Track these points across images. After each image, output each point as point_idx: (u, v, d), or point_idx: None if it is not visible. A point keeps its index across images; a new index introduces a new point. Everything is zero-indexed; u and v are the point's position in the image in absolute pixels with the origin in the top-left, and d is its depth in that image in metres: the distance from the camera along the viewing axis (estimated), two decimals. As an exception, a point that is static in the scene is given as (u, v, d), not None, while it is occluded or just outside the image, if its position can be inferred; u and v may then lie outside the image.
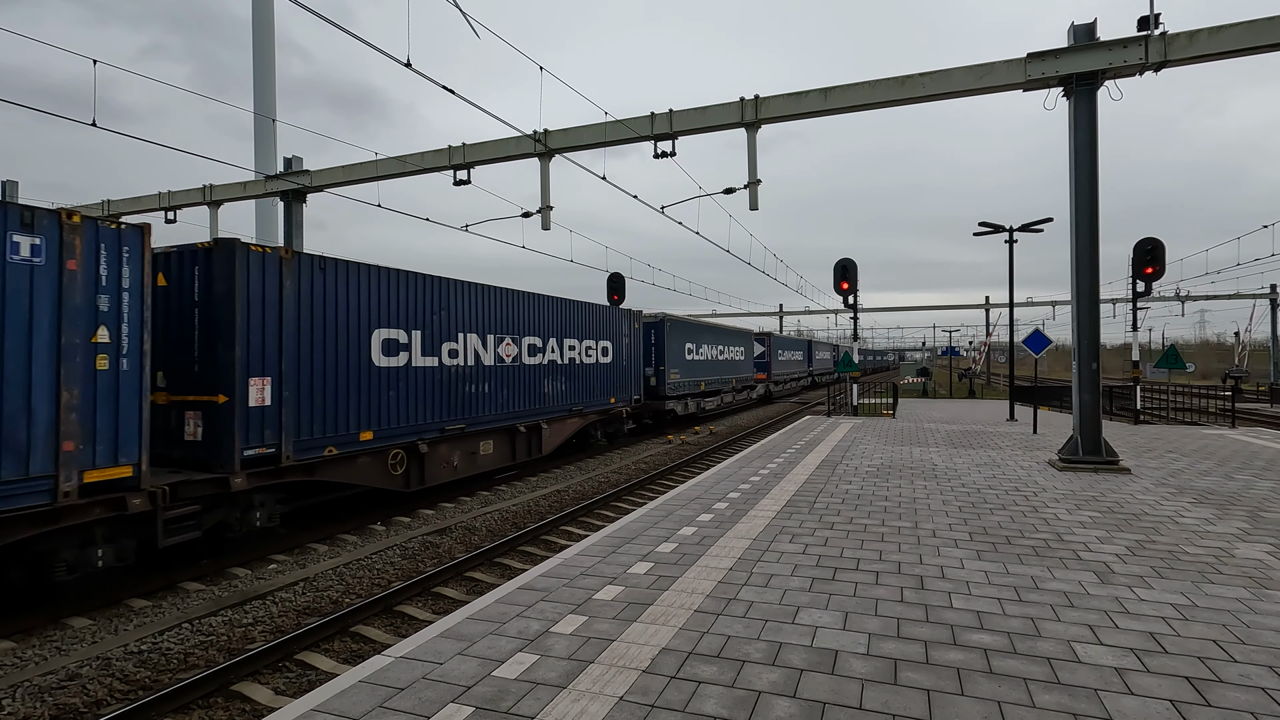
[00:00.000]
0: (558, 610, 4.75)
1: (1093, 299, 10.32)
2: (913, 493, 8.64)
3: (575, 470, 15.39)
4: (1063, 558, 5.86)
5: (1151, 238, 15.65)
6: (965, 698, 3.49)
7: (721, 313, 59.75)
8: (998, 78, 10.57)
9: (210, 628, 6.60)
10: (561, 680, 3.72)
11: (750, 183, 11.90)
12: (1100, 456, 10.31)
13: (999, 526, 6.93)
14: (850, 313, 20.25)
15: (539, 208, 13.12)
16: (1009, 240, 19.48)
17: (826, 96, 11.45)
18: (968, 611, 4.64)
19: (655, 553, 6.11)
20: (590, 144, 12.84)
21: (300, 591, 7.60)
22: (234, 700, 5.31)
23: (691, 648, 4.12)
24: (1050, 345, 19.31)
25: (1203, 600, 4.84)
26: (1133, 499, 8.21)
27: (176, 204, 16.96)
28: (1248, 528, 6.83)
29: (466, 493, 12.74)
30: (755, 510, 7.73)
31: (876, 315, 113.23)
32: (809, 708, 3.41)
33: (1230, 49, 9.49)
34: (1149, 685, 3.60)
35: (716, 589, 5.14)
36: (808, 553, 6.06)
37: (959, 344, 61.43)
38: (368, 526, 10.34)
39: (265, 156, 20.55)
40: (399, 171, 14.53)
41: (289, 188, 15.84)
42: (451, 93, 9.00)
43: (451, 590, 7.76)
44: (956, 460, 11.35)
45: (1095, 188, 10.20)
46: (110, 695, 5.33)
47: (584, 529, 10.45)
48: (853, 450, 12.60)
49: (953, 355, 51.37)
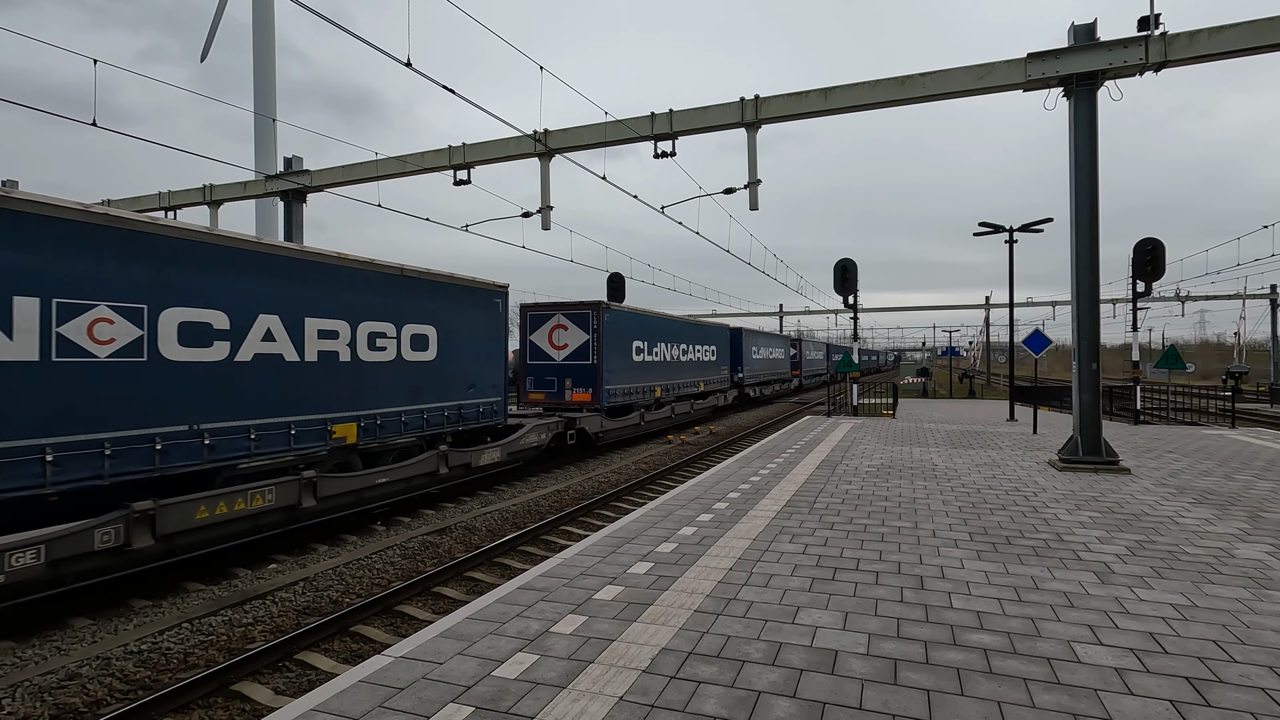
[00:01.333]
0: (558, 610, 4.75)
1: (1093, 299, 10.32)
2: (913, 493, 8.64)
3: (575, 470, 15.39)
4: (1063, 558, 5.86)
5: (1151, 238, 15.67)
6: (965, 698, 3.49)
7: (721, 313, 59.78)
8: (998, 78, 10.57)
9: (210, 627, 6.60)
10: (561, 680, 3.72)
11: (750, 183, 11.91)
12: (1100, 457, 10.31)
13: (999, 527, 6.93)
14: (850, 313, 20.26)
15: (539, 208, 13.13)
16: (1009, 240, 19.48)
17: (827, 96, 11.46)
18: (968, 611, 4.64)
19: (655, 553, 6.11)
20: (590, 144, 12.85)
21: (300, 591, 7.60)
22: (234, 700, 5.31)
23: (691, 648, 4.12)
24: (1050, 345, 19.32)
25: (1203, 600, 4.84)
26: (1133, 499, 8.21)
27: (176, 204, 16.97)
28: (1248, 528, 6.83)
29: (467, 492, 12.74)
30: (755, 510, 7.73)
31: (876, 315, 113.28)
32: (809, 708, 3.41)
33: (1230, 49, 9.49)
34: (1149, 685, 3.60)
35: (716, 589, 5.14)
36: (808, 553, 6.06)
37: (959, 344, 61.46)
38: (368, 526, 10.34)
39: (265, 156, 20.55)
40: (399, 171, 14.54)
41: (289, 187, 15.85)
42: (451, 92, 9.00)
43: (451, 590, 7.76)
44: (956, 460, 11.35)
45: (1095, 187, 10.20)
46: (110, 695, 5.33)
47: (584, 529, 10.45)
48: (853, 450, 12.60)
49: (953, 355, 51.38)
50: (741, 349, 30.29)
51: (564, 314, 17.86)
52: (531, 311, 18.28)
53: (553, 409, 17.15)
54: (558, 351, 17.92)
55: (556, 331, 17.96)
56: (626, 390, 18.81)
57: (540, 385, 18.04)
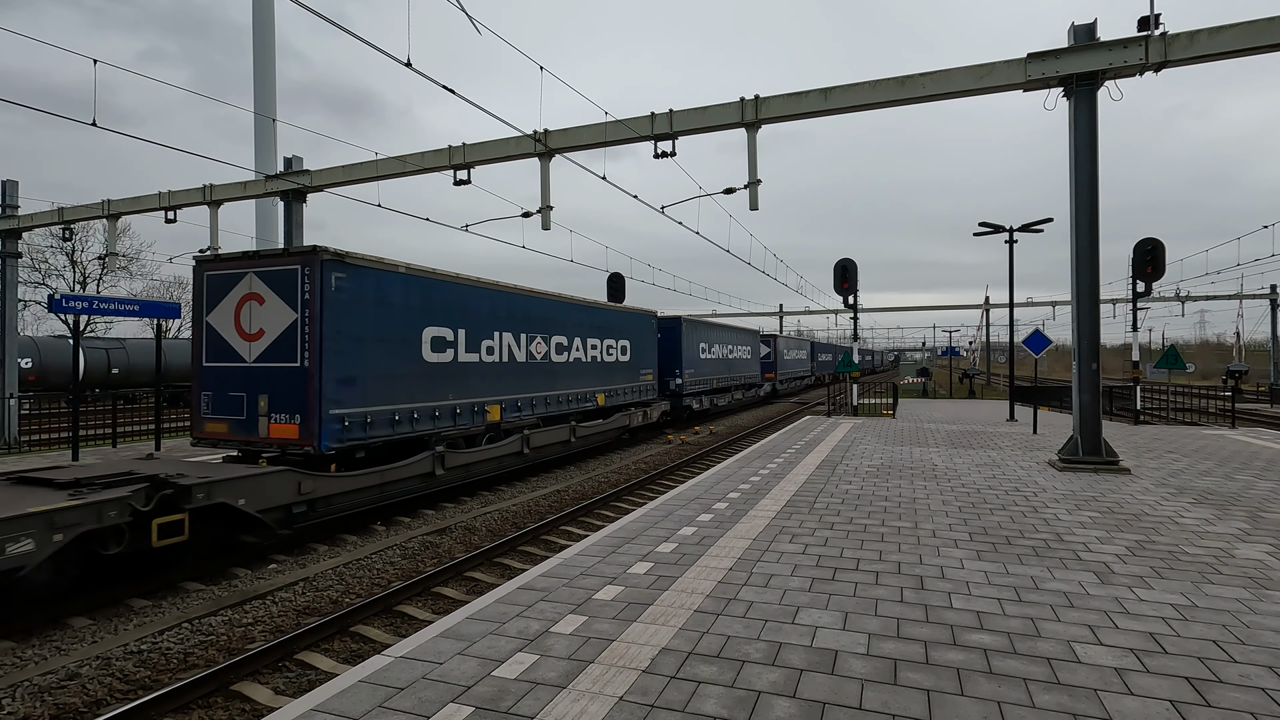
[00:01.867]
0: (557, 610, 4.75)
1: (1093, 299, 10.32)
2: (913, 493, 8.64)
3: (575, 470, 15.38)
4: (1063, 558, 5.86)
5: (1151, 238, 15.67)
6: (965, 698, 3.49)
7: (721, 312, 59.70)
8: (998, 78, 10.57)
9: (210, 627, 6.60)
10: (561, 680, 3.72)
11: (750, 183, 11.90)
12: (1100, 457, 10.31)
13: (999, 527, 6.93)
14: (850, 313, 20.26)
15: (539, 208, 13.12)
16: (1009, 240, 19.49)
17: (827, 96, 11.45)
18: (968, 612, 4.64)
19: (655, 553, 6.11)
20: (590, 144, 12.84)
21: (300, 591, 7.60)
22: (234, 700, 5.31)
23: (691, 648, 4.12)
24: (1050, 345, 19.33)
25: (1203, 600, 4.84)
26: (1133, 499, 8.21)
27: (176, 204, 16.95)
28: (1248, 528, 6.83)
29: (467, 492, 12.74)
30: (755, 510, 7.73)
31: (876, 315, 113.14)
32: (809, 708, 3.41)
33: (1230, 49, 9.49)
34: (1149, 685, 3.60)
35: (716, 589, 5.14)
36: (808, 553, 6.06)
37: (959, 344, 61.43)
38: (368, 526, 10.34)
39: (265, 156, 20.54)
40: (399, 171, 14.52)
41: (289, 187, 15.84)
42: (451, 92, 9.00)
43: (451, 590, 7.76)
44: (956, 460, 11.34)
45: (1095, 187, 10.20)
46: (110, 695, 5.33)
47: (584, 529, 10.45)
48: (853, 450, 12.60)
49: (953, 355, 51.37)
50: (680, 345, 23.07)
51: (257, 273, 9.74)
52: (211, 270, 10.12)
53: (246, 449, 9.97)
54: (249, 343, 9.77)
55: (248, 306, 9.81)
56: (393, 416, 10.51)
57: (220, 407, 9.90)
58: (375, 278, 10.34)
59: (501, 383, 13.32)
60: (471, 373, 12.47)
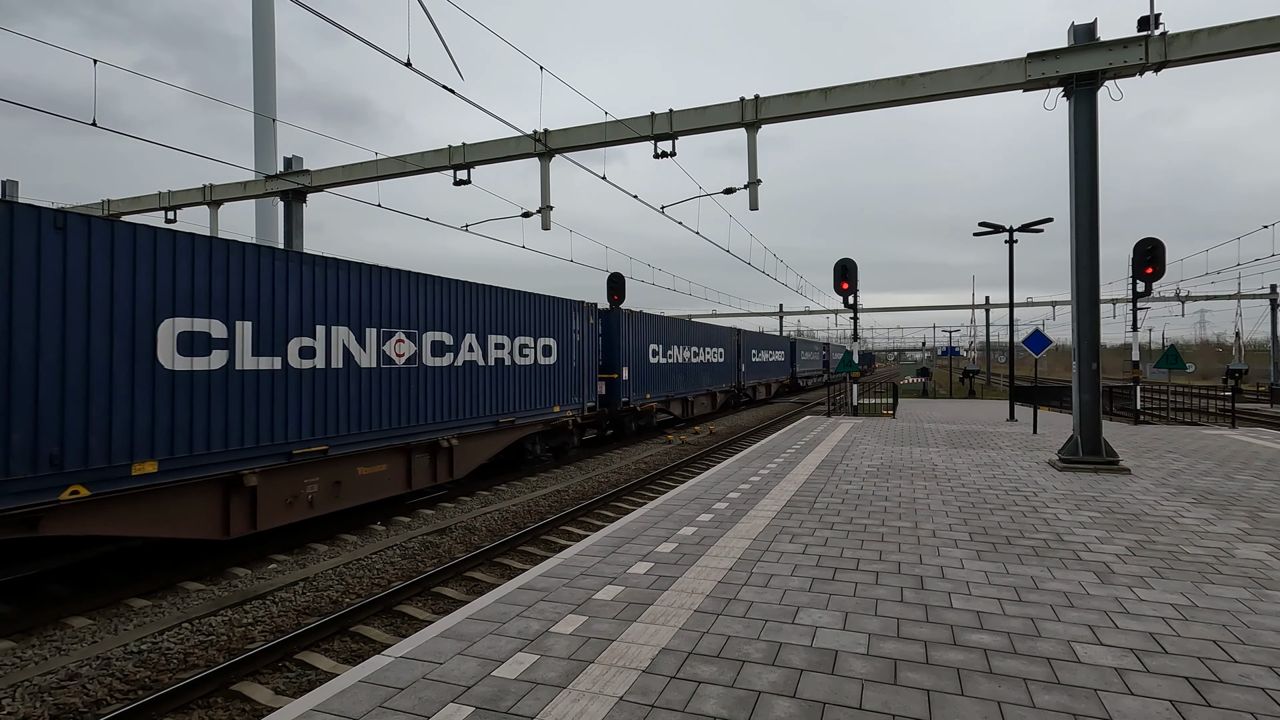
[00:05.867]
0: (558, 610, 4.75)
1: (1093, 299, 10.32)
2: (913, 493, 8.64)
3: (575, 470, 15.39)
4: (1063, 558, 5.86)
5: (1151, 238, 15.68)
6: (965, 698, 3.49)
7: (721, 312, 59.73)
8: (998, 78, 10.57)
9: (210, 627, 6.60)
10: (561, 680, 3.71)
11: (750, 183, 11.91)
12: (1100, 457, 10.31)
13: (999, 527, 6.93)
14: (850, 313, 20.26)
15: (539, 208, 13.12)
16: (1009, 240, 19.49)
17: (827, 96, 11.46)
18: (968, 611, 4.64)
19: (655, 553, 6.10)
20: (590, 144, 12.85)
21: (300, 591, 7.60)
22: (234, 700, 5.31)
23: (691, 648, 4.12)
24: (1050, 345, 19.33)
25: (1203, 600, 4.84)
26: (1133, 499, 8.20)
27: (176, 204, 16.96)
28: (1248, 528, 6.83)
29: (466, 492, 12.74)
30: (755, 510, 7.72)
31: (876, 315, 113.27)
32: (809, 708, 3.41)
33: (1230, 49, 9.49)
34: (1149, 685, 3.60)
35: (716, 589, 5.14)
36: (808, 553, 6.06)
37: (959, 344, 61.41)
38: (368, 526, 10.34)
39: (265, 157, 20.54)
40: (399, 171, 14.53)
41: (289, 187, 15.84)
42: (451, 92, 9.00)
43: (451, 590, 7.76)
44: (956, 460, 11.34)
45: (1095, 187, 10.20)
46: (110, 695, 5.33)
47: (584, 529, 10.44)
48: (853, 450, 12.60)
49: (952, 355, 51.39)
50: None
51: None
52: None
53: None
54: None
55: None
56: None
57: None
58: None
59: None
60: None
